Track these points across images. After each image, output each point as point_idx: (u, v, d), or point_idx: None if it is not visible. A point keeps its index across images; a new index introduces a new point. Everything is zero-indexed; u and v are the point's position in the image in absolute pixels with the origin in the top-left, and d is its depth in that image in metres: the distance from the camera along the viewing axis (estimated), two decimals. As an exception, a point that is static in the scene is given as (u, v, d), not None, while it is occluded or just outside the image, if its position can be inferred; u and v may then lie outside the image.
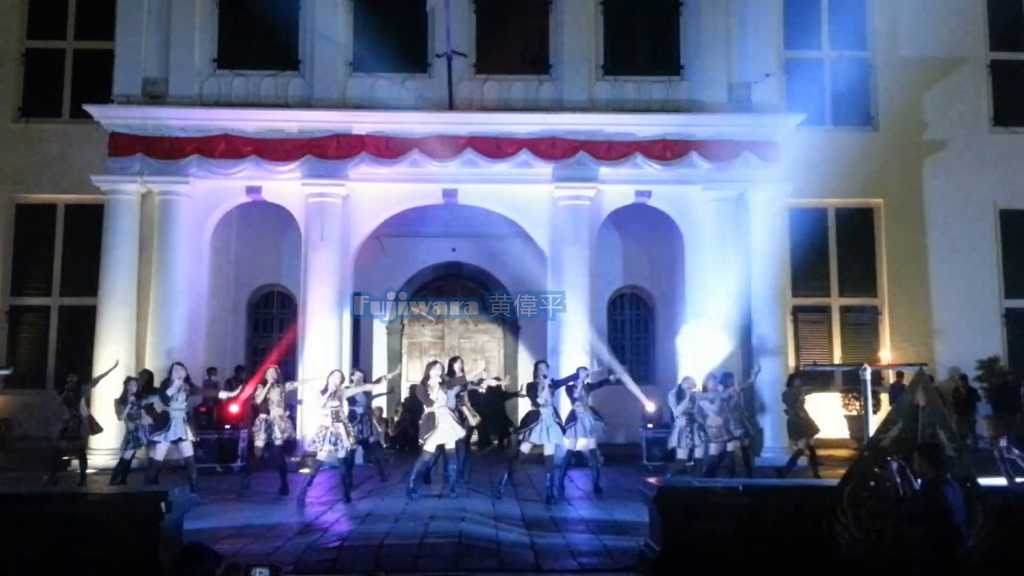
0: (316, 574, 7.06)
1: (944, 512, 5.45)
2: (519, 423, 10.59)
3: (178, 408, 10.72)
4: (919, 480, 5.72)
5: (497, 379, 13.14)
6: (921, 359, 14.09)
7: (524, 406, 11.72)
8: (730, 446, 11.50)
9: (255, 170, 14.23)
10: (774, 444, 13.73)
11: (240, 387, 12.10)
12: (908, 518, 5.64)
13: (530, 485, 11.41)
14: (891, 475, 5.77)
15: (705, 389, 11.44)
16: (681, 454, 11.15)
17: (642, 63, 14.95)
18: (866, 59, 16.80)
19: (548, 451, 10.46)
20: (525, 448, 10.68)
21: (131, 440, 10.96)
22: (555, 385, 10.75)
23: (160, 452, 10.64)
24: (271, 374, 11.14)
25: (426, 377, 10.51)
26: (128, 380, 11.43)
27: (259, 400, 11.09)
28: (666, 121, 14.44)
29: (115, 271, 13.93)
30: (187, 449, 10.76)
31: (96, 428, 12.08)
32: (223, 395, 12.00)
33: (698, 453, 11.09)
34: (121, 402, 11.02)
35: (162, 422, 10.73)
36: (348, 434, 10.44)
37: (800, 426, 12.22)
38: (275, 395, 11.07)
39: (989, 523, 5.99)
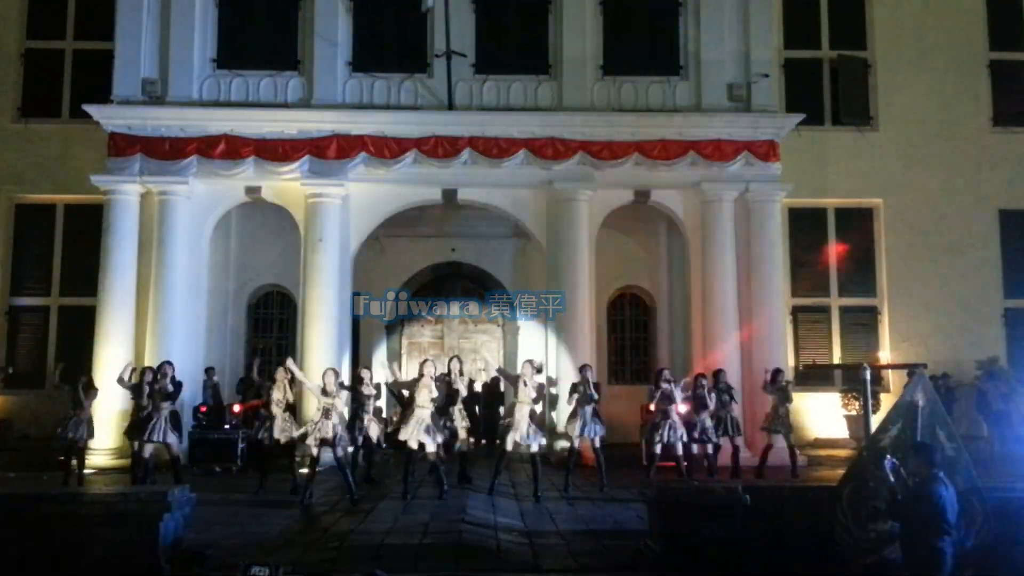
0: (316, 574, 7.06)
1: (937, 511, 5.45)
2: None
3: (161, 407, 10.86)
4: (912, 478, 5.72)
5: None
6: (921, 359, 14.09)
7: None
8: (709, 447, 11.62)
9: (254, 170, 14.22)
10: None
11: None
12: (902, 517, 5.64)
13: (529, 485, 11.39)
14: (885, 473, 5.78)
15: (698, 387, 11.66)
16: (656, 449, 11.31)
17: (641, 63, 14.92)
18: (865, 59, 16.79)
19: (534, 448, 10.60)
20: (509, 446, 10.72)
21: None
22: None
23: (148, 450, 10.80)
24: (280, 374, 11.18)
25: (420, 375, 10.55)
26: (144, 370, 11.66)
27: (272, 400, 11.21)
28: (665, 121, 14.44)
29: (114, 271, 13.92)
30: (174, 449, 10.93)
31: (91, 433, 11.99)
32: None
33: (679, 451, 11.25)
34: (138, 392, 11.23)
35: (147, 421, 10.88)
36: (342, 433, 10.42)
37: (777, 421, 12.20)
38: (278, 395, 11.11)
39: (988, 523, 5.99)
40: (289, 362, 11.04)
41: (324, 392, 10.41)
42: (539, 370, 11.08)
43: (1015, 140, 16.67)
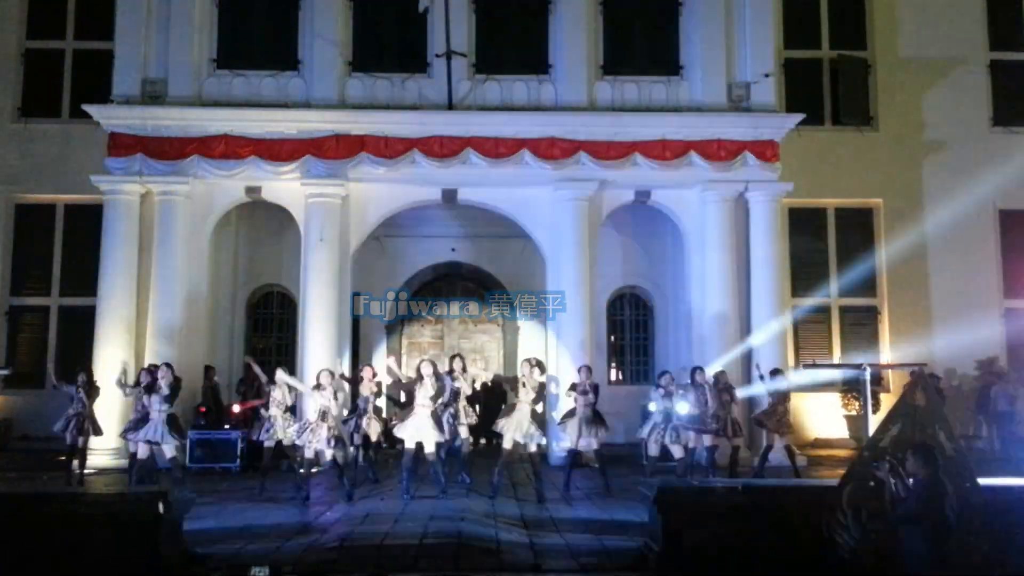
0: (316, 574, 7.06)
1: (938, 511, 5.45)
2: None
3: (159, 409, 10.82)
4: (911, 479, 5.72)
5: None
6: (921, 359, 14.09)
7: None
8: (707, 440, 11.57)
9: (255, 170, 14.22)
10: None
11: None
12: (902, 517, 5.64)
13: (529, 485, 11.41)
14: (883, 474, 5.77)
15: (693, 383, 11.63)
16: (653, 450, 11.28)
17: (642, 63, 14.93)
18: (865, 59, 16.79)
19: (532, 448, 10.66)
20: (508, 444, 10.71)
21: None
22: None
23: (142, 451, 10.76)
24: (279, 375, 11.19)
25: (419, 376, 10.56)
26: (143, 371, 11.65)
27: (270, 399, 11.19)
28: (665, 121, 14.43)
29: (114, 271, 13.92)
30: (168, 451, 10.85)
31: (98, 430, 12.05)
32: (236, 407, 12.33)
33: (677, 452, 11.24)
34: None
35: (142, 421, 10.84)
36: (336, 433, 10.41)
37: (774, 422, 12.17)
38: (278, 395, 11.12)
39: (988, 523, 5.98)
40: (280, 373, 11.10)
41: (317, 387, 10.43)
42: (538, 366, 11.04)
43: (1015, 140, 16.67)
